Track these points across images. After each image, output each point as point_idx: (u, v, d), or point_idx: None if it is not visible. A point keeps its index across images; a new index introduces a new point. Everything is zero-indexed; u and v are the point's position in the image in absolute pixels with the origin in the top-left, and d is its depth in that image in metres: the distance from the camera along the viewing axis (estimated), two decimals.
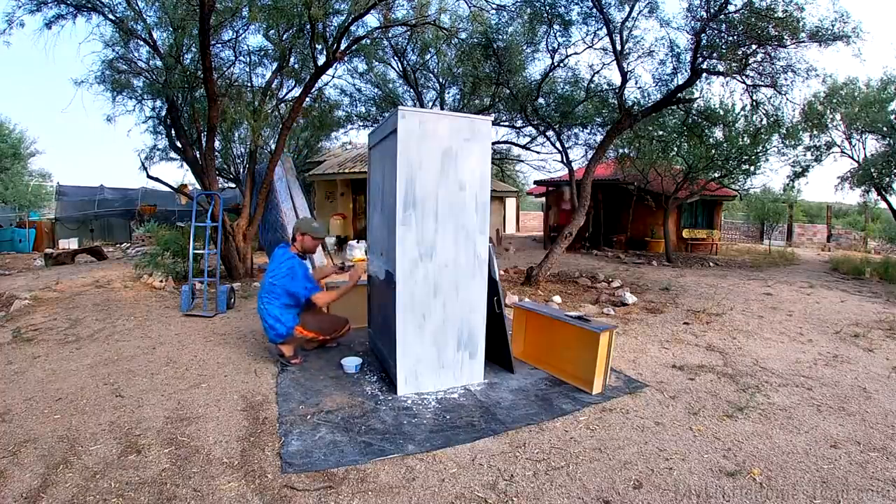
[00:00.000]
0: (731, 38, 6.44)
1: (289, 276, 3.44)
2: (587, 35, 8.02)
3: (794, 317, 5.42)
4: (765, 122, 7.97)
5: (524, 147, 13.03)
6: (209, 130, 6.67)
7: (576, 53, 8.63)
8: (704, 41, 6.50)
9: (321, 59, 6.65)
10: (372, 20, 8.15)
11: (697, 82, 7.21)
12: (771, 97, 7.34)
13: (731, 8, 6.11)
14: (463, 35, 8.82)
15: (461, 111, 10.44)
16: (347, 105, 11.75)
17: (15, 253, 12.20)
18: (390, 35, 8.79)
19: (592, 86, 8.92)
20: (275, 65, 7.80)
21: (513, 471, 2.18)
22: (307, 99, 7.51)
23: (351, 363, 3.42)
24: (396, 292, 2.92)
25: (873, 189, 11.10)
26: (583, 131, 10.73)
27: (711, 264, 10.69)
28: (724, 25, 6.34)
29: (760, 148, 10.21)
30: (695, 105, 8.23)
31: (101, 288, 6.42)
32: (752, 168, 11.15)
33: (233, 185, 12.18)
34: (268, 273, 3.55)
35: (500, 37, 8.39)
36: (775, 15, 5.80)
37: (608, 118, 9.19)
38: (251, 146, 7.93)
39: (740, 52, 6.50)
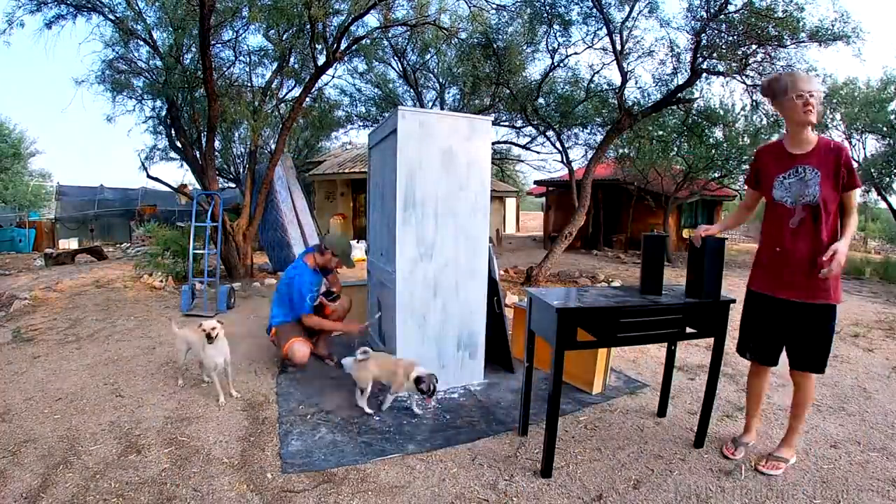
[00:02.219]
0: (731, 38, 6.44)
1: (287, 286, 3.41)
2: (587, 35, 8.02)
3: None
4: (765, 122, 7.97)
5: (524, 147, 13.03)
6: (209, 130, 6.67)
7: (576, 53, 8.66)
8: (704, 41, 6.51)
9: (321, 59, 6.66)
10: (372, 20, 8.13)
11: (697, 82, 7.22)
12: None
13: (731, 8, 6.12)
14: (463, 35, 8.82)
15: (461, 111, 10.44)
16: (347, 105, 11.75)
17: (15, 253, 12.19)
18: (390, 35, 8.79)
19: (592, 86, 8.91)
20: (275, 65, 7.81)
21: (513, 471, 2.18)
22: (307, 99, 7.51)
23: (351, 362, 3.41)
24: (396, 292, 2.92)
25: (873, 189, 11.10)
26: (583, 131, 10.72)
27: None
28: (724, 25, 6.34)
29: None
30: (695, 105, 8.23)
31: (101, 288, 6.43)
32: None
33: (233, 185, 12.19)
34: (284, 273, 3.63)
35: (500, 37, 8.39)
36: (775, 15, 5.80)
37: (608, 118, 9.19)
38: (251, 146, 7.93)
39: (740, 52, 6.50)
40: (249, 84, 8.25)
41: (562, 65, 8.87)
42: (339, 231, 3.36)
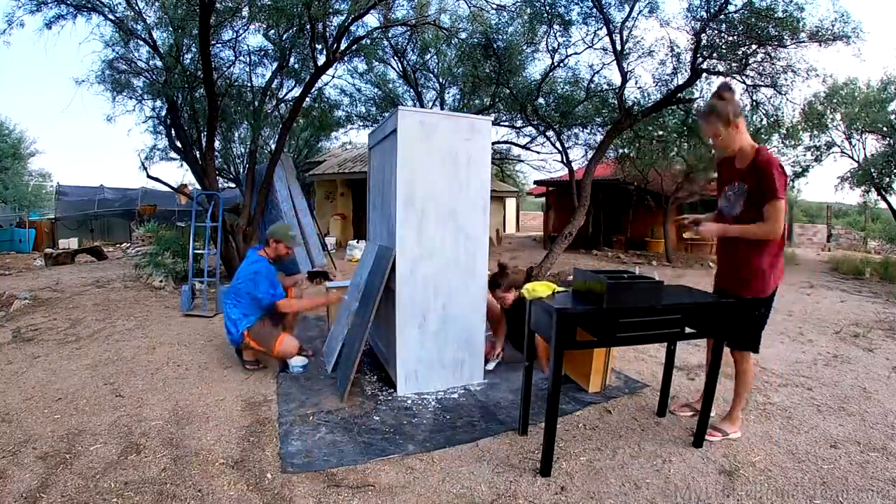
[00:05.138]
0: (731, 38, 6.44)
1: (252, 282, 3.32)
2: (587, 35, 8.01)
3: (794, 317, 5.42)
4: (765, 122, 7.97)
5: (524, 147, 13.03)
6: (209, 130, 6.66)
7: (576, 53, 8.60)
8: (704, 41, 6.51)
9: (321, 59, 6.65)
10: (372, 20, 8.15)
11: (697, 82, 7.21)
12: (771, 97, 7.35)
13: (731, 8, 6.12)
14: (463, 35, 8.81)
15: (461, 111, 10.44)
16: (347, 105, 11.74)
17: (15, 253, 12.19)
18: (390, 35, 8.79)
19: (592, 86, 8.91)
20: (275, 65, 7.79)
21: (512, 470, 2.18)
22: (307, 99, 7.50)
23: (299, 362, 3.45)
24: (396, 292, 2.92)
25: (873, 189, 11.10)
26: (583, 131, 10.71)
27: (711, 265, 10.68)
28: (724, 25, 6.34)
29: None
30: (695, 105, 8.22)
31: (101, 288, 6.42)
32: None
33: (233, 185, 12.17)
34: (235, 275, 3.50)
35: (500, 37, 8.39)
36: (775, 15, 5.80)
37: (608, 118, 9.19)
38: (251, 146, 7.92)
39: (740, 52, 6.51)
40: (249, 84, 8.24)
41: (562, 65, 8.86)
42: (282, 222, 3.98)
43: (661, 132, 10.13)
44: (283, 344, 3.31)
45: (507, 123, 11.91)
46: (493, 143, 11.08)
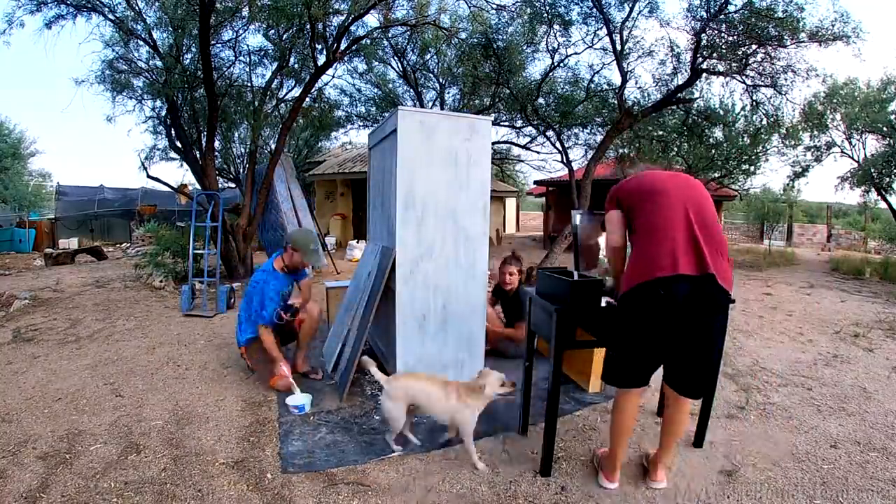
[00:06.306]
0: (731, 38, 6.45)
1: (250, 293, 3.18)
2: (587, 35, 8.03)
3: (794, 317, 5.41)
4: (765, 122, 7.98)
5: (524, 147, 13.02)
6: (209, 130, 6.66)
7: (576, 53, 8.62)
8: (704, 41, 6.52)
9: (321, 59, 6.65)
10: (372, 20, 8.14)
11: (697, 82, 7.23)
12: (771, 97, 7.36)
13: (731, 8, 6.13)
14: (463, 35, 8.82)
15: (461, 111, 10.44)
16: (347, 105, 11.74)
17: (15, 253, 12.20)
18: (390, 35, 8.79)
19: (592, 86, 8.91)
20: (275, 65, 7.80)
21: (512, 470, 2.18)
22: (307, 99, 7.51)
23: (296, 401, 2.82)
24: (396, 292, 2.92)
25: (873, 189, 11.07)
26: (583, 131, 10.72)
27: None
28: (724, 25, 6.35)
29: (760, 148, 10.21)
30: (695, 105, 8.23)
31: (101, 288, 6.43)
32: (752, 168, 11.15)
33: (233, 185, 12.18)
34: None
35: (500, 37, 8.40)
36: (775, 15, 5.81)
37: (608, 118, 9.19)
38: (251, 146, 7.92)
39: (740, 52, 6.52)
40: (249, 84, 8.24)
41: (562, 65, 8.88)
42: (308, 227, 3.16)
43: (661, 132, 10.13)
44: (278, 384, 3.02)
45: (507, 123, 11.91)
46: (493, 143, 11.08)
